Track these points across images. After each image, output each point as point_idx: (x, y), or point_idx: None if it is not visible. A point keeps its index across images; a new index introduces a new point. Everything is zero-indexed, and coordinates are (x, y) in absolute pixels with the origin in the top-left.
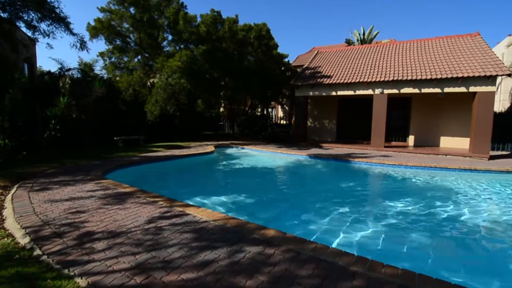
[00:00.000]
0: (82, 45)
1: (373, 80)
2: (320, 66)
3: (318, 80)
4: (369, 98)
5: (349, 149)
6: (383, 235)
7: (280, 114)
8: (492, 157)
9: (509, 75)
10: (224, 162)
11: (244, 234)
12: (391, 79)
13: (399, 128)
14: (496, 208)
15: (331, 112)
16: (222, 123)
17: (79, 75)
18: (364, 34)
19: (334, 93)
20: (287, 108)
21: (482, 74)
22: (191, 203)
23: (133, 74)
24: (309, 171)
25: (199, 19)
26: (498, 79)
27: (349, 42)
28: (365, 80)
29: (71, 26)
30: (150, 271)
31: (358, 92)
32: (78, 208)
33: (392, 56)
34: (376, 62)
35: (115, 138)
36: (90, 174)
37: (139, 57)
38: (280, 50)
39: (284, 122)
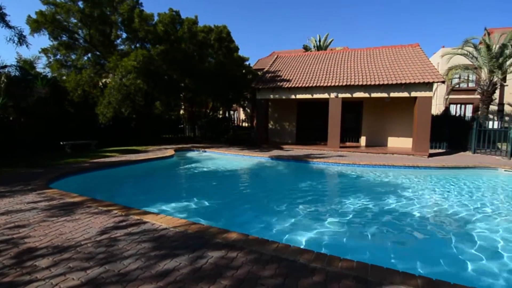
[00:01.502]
0: (21, 40)
1: (329, 84)
2: (280, 70)
3: (278, 83)
4: (326, 101)
5: (308, 150)
6: (340, 230)
7: (242, 116)
8: (431, 155)
9: (443, 82)
10: (185, 166)
11: (206, 239)
12: (344, 84)
13: (352, 130)
14: (434, 199)
15: (291, 114)
16: (182, 126)
17: (17, 73)
18: (320, 40)
19: (293, 97)
20: (248, 110)
21: (422, 81)
22: (149, 210)
23: (82, 73)
24: (271, 172)
25: (156, 18)
26: (435, 86)
27: (306, 48)
28: (322, 84)
29: (7, 18)
30: (103, 286)
31: (315, 96)
32: (17, 222)
33: (345, 62)
34: (331, 68)
35: (62, 143)
36: (31, 184)
37: (89, 55)
38: (241, 53)
39: (246, 124)
